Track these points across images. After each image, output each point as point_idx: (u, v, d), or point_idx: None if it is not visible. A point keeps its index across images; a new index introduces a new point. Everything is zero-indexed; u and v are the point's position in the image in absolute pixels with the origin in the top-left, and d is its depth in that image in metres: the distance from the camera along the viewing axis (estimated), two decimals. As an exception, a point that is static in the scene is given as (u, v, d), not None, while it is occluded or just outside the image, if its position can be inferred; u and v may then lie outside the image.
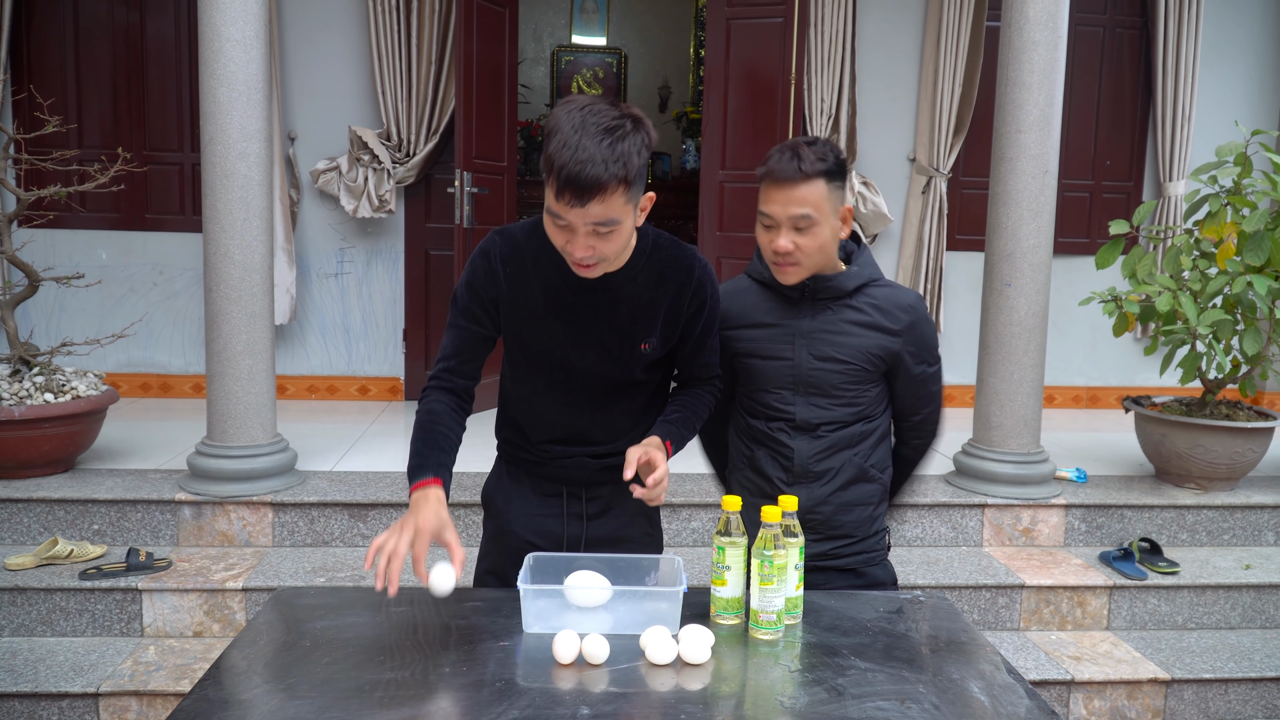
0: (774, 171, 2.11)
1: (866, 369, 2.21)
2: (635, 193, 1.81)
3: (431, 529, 1.80)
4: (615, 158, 1.72)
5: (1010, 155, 4.08)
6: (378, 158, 5.54)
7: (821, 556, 2.26)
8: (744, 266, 2.41)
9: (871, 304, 2.22)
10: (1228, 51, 6.22)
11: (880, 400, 2.28)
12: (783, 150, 2.12)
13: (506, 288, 2.00)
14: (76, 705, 3.18)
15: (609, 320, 2.00)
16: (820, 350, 2.20)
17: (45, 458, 3.98)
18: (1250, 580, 3.89)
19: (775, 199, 2.12)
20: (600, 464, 2.12)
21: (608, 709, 1.54)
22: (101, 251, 5.72)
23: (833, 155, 2.12)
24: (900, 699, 1.59)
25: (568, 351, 2.03)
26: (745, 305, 2.28)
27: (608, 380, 2.06)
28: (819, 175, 2.08)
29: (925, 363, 2.28)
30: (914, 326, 2.23)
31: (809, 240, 2.11)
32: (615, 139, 1.73)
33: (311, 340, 5.89)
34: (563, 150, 1.71)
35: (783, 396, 2.24)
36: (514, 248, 2.01)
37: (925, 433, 2.39)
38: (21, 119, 5.41)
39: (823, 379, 2.21)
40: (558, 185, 1.73)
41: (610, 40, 9.39)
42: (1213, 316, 4.09)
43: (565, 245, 1.83)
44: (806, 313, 2.22)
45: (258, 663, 1.69)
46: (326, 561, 3.79)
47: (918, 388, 2.30)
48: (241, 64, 3.79)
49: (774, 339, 2.23)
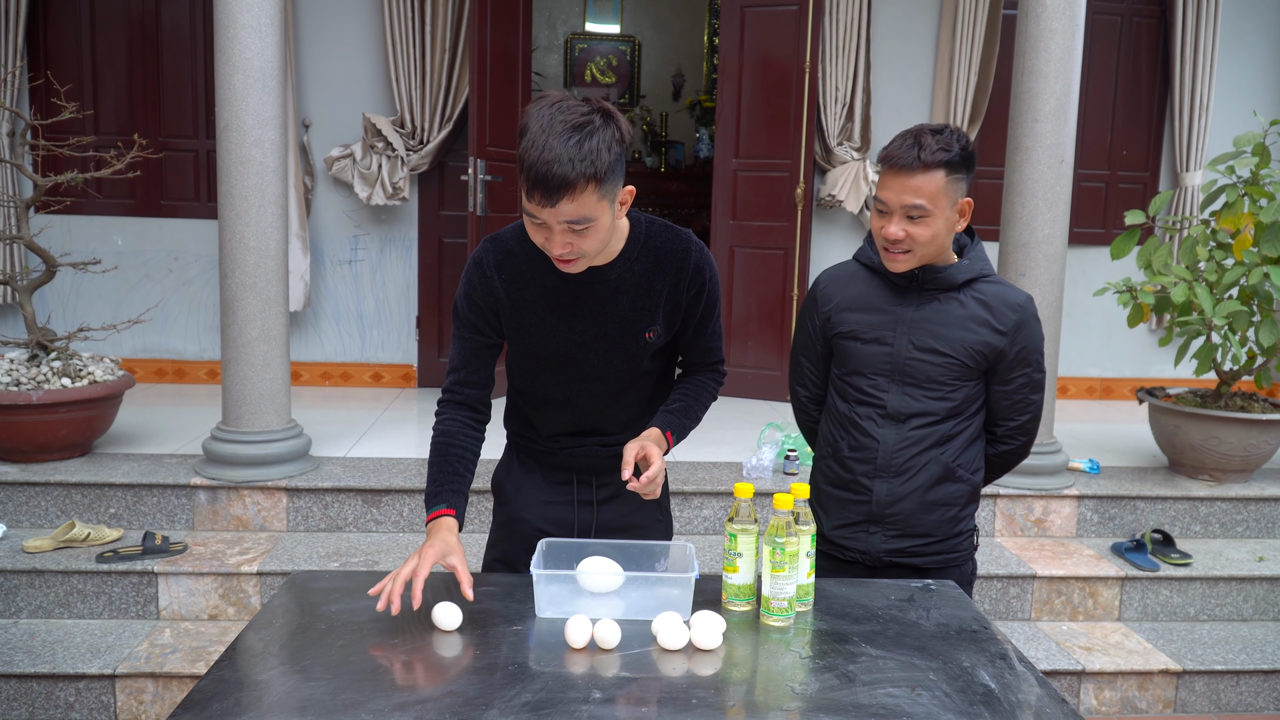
0: (893, 157, 2.08)
1: (967, 364, 2.17)
2: (610, 188, 1.77)
3: (437, 554, 1.84)
4: (583, 156, 1.69)
5: (1026, 144, 4.06)
6: (391, 145, 5.55)
7: (897, 553, 2.23)
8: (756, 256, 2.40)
9: (980, 299, 2.17)
10: (1246, 41, 6.17)
11: (975, 399, 2.22)
12: (905, 136, 2.08)
13: (504, 294, 1.99)
14: (93, 686, 3.21)
15: (611, 313, 2.00)
16: (922, 341, 2.17)
17: (62, 442, 4.01)
18: (1263, 572, 3.88)
19: (891, 186, 2.09)
20: (610, 452, 2.12)
21: (619, 693, 1.55)
22: (117, 237, 5.76)
23: (958, 145, 2.06)
24: (911, 686, 1.59)
25: (573, 351, 2.02)
26: (851, 289, 2.26)
27: (616, 374, 2.06)
28: (939, 166, 2.04)
29: (1028, 365, 2.21)
30: (1022, 325, 2.18)
31: (921, 230, 2.08)
32: (583, 136, 1.70)
33: (325, 327, 5.92)
34: (530, 150, 1.70)
35: (877, 383, 2.21)
36: (506, 253, 2.00)
37: (1016, 441, 2.30)
38: (38, 105, 5.44)
39: (920, 370, 2.17)
40: (528, 185, 1.72)
41: (624, 28, 9.37)
42: (1228, 308, 4.06)
43: (544, 243, 1.82)
44: (913, 302, 2.19)
45: (273, 645, 1.70)
46: (340, 546, 3.82)
47: (1016, 392, 2.23)
48: (257, 51, 3.80)
49: (876, 325, 2.20)
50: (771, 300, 5.72)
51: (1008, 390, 2.23)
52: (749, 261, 5.76)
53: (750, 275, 5.76)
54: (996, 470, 2.37)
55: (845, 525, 2.27)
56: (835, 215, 5.96)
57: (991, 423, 2.30)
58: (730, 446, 4.65)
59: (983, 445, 2.30)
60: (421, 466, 4.19)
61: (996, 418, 2.28)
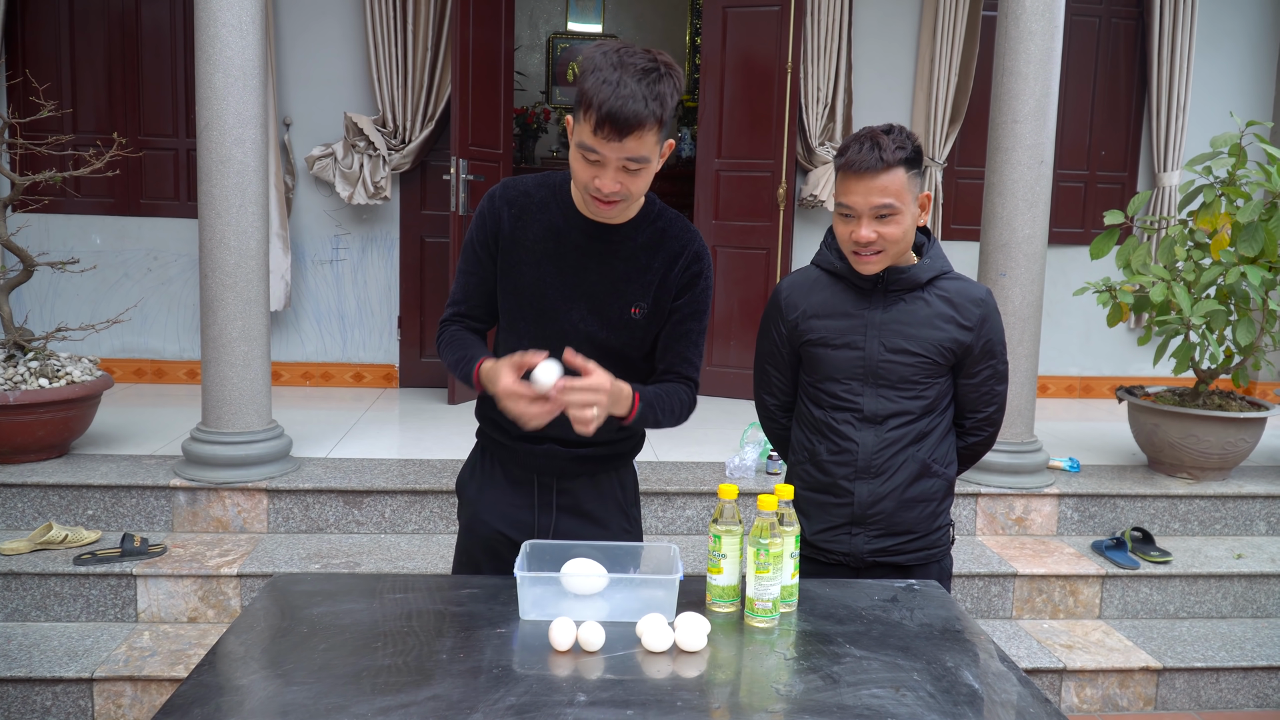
0: (854, 162, 2.09)
1: (937, 362, 2.20)
2: (666, 133, 1.86)
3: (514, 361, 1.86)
4: (655, 95, 1.78)
5: (1006, 145, 4.08)
6: (373, 144, 5.53)
7: (880, 553, 2.25)
8: (739, 256, 2.41)
9: (943, 296, 2.21)
10: (1222, 42, 6.22)
11: (946, 395, 2.26)
12: (861, 140, 2.09)
13: (508, 227, 2.02)
14: (71, 690, 3.18)
15: (603, 274, 2.01)
16: (893, 342, 2.19)
17: (40, 443, 3.97)
18: (1242, 570, 3.91)
19: (856, 189, 2.10)
20: (569, 454, 2.10)
21: (604, 695, 1.54)
22: (96, 237, 5.71)
23: (910, 142, 2.10)
24: (895, 686, 1.60)
25: (557, 302, 2.01)
26: (816, 296, 2.27)
27: (593, 343, 2.01)
28: (900, 163, 2.07)
29: (993, 358, 2.26)
30: (986, 319, 2.22)
31: (892, 228, 2.10)
32: (653, 79, 1.78)
33: (306, 327, 5.89)
34: (603, 87, 1.76)
35: (851, 388, 2.22)
36: (521, 192, 2.04)
37: (984, 432, 2.35)
38: (16, 103, 5.39)
39: (893, 371, 2.19)
40: (597, 119, 1.77)
41: (606, 28, 9.36)
42: (1206, 307, 4.10)
43: (594, 180, 1.86)
44: (879, 304, 2.20)
45: (254, 649, 1.69)
46: (321, 548, 3.80)
47: (982, 385, 2.27)
48: (238, 49, 3.78)
49: (846, 330, 2.22)
50: (754, 300, 5.72)
51: (974, 383, 2.27)
52: (731, 261, 5.76)
53: (733, 275, 5.77)
54: (966, 462, 2.40)
55: (828, 529, 2.28)
56: (817, 215, 5.97)
57: (960, 416, 2.33)
58: (713, 446, 4.65)
59: (953, 439, 2.33)
60: (403, 468, 4.17)
61: (964, 411, 2.32)
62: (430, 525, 4.00)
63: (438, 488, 3.96)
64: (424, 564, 3.68)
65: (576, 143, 1.85)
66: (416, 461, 4.28)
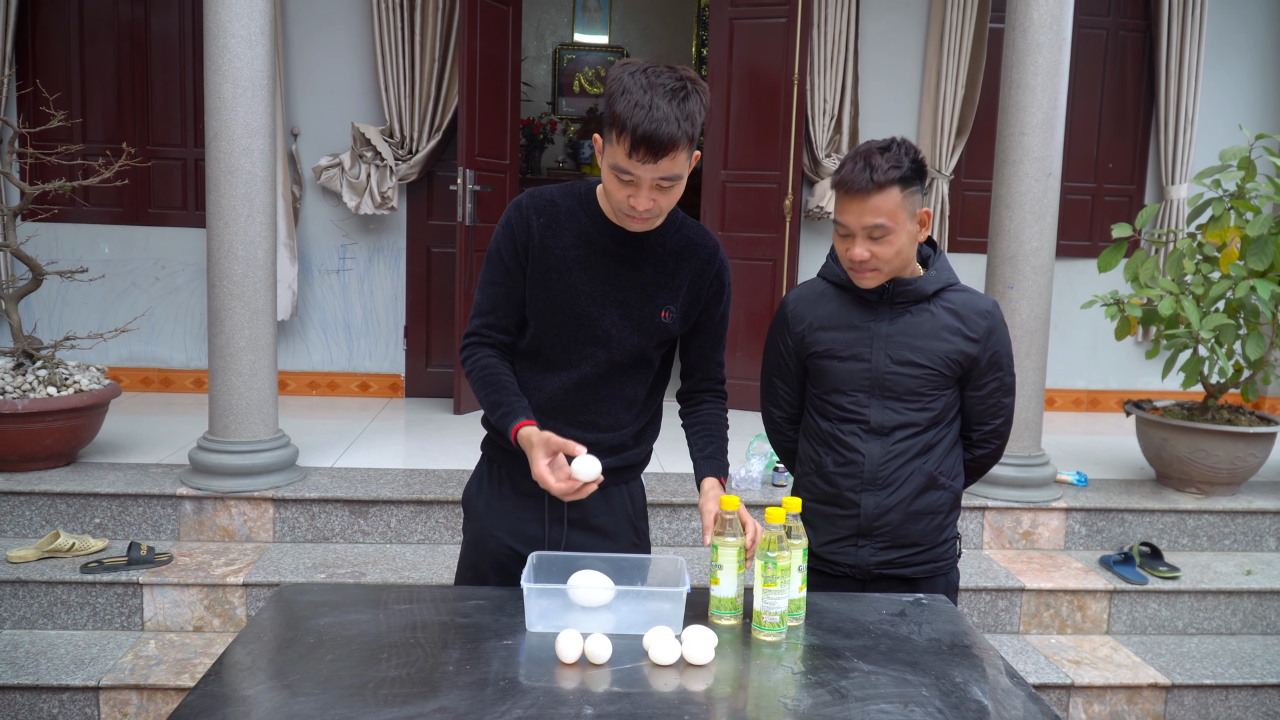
0: (846, 181, 2.09)
1: (944, 374, 2.20)
2: (694, 148, 1.89)
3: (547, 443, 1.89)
4: (685, 115, 1.81)
5: (1013, 158, 4.08)
6: (380, 154, 5.54)
7: (887, 565, 2.24)
8: (745, 267, 2.42)
9: (949, 308, 2.20)
10: (1230, 55, 6.22)
11: (952, 407, 2.26)
12: (855, 159, 2.09)
13: (539, 236, 2.03)
14: (77, 698, 3.18)
15: (634, 280, 2.04)
16: (899, 354, 2.19)
17: (47, 451, 3.98)
18: (1251, 586, 3.89)
19: (849, 209, 2.10)
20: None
21: (611, 709, 1.54)
22: (104, 246, 5.73)
23: (908, 159, 2.08)
24: (903, 702, 1.59)
25: (589, 308, 2.03)
26: (822, 308, 2.27)
27: (625, 347, 2.05)
28: (892, 183, 2.06)
29: (1000, 370, 2.25)
30: (992, 331, 2.22)
31: (885, 248, 2.10)
32: (682, 99, 1.81)
33: (313, 336, 5.89)
34: (636, 110, 1.78)
35: (858, 399, 2.22)
36: (547, 201, 2.06)
37: (991, 445, 2.34)
38: (26, 113, 5.41)
39: (900, 383, 2.19)
40: (631, 142, 1.80)
41: (612, 39, 9.39)
42: (1215, 321, 4.08)
43: (628, 199, 1.89)
44: (885, 316, 2.21)
45: (261, 659, 1.69)
46: (327, 558, 3.79)
47: (989, 397, 2.27)
48: (246, 60, 3.79)
49: (852, 342, 2.22)
50: (761, 311, 5.72)
51: (981, 395, 2.27)
52: (738, 272, 5.74)
53: (739, 286, 5.74)
54: (973, 475, 2.40)
55: (834, 540, 2.27)
56: (823, 227, 5.97)
57: (967, 428, 2.33)
58: (719, 458, 4.63)
59: (960, 451, 2.32)
60: (409, 477, 4.17)
61: (971, 423, 2.31)
62: (436, 535, 3.99)
63: (443, 498, 3.96)
64: (429, 574, 3.67)
65: (610, 164, 1.87)
66: (422, 471, 4.28)
